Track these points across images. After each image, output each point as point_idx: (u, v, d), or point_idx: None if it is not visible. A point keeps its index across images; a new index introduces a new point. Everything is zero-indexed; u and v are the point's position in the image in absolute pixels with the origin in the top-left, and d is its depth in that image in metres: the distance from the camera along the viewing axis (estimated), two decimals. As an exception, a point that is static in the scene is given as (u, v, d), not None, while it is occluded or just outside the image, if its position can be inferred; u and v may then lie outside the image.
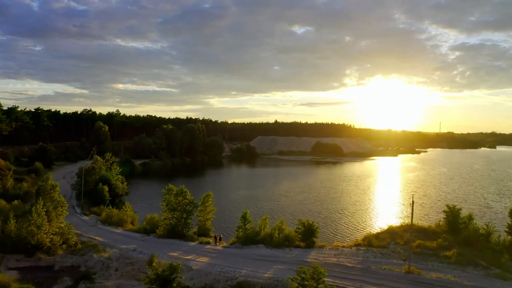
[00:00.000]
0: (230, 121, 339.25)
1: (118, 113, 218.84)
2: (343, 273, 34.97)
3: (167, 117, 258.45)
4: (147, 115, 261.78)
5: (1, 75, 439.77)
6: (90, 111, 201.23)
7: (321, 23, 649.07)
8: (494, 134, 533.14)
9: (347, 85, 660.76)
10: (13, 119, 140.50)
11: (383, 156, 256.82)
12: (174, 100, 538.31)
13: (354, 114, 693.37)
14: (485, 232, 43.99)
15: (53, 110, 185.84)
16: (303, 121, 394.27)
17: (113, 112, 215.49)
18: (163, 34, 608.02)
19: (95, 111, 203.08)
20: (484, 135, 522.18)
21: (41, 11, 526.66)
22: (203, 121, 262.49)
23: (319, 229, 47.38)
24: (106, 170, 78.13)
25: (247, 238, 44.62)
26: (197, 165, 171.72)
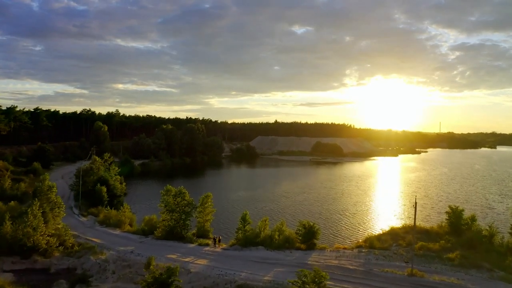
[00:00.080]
0: (230, 121, 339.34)
1: (118, 113, 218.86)
2: (344, 275, 34.40)
3: (167, 117, 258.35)
4: (147, 115, 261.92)
5: (1, 75, 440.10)
6: (90, 111, 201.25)
7: (321, 23, 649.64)
8: (494, 134, 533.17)
9: (347, 85, 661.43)
10: (12, 119, 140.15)
11: (383, 156, 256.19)
12: (174, 100, 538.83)
13: (354, 114, 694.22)
14: (488, 233, 43.24)
15: (52, 110, 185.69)
16: (303, 121, 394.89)
17: (112, 112, 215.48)
18: (163, 34, 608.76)
19: (94, 111, 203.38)
20: (484, 135, 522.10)
21: (41, 11, 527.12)
22: (203, 121, 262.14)
23: (320, 230, 46.60)
24: (105, 170, 77.70)
25: (247, 240, 44.00)
26: (197, 165, 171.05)
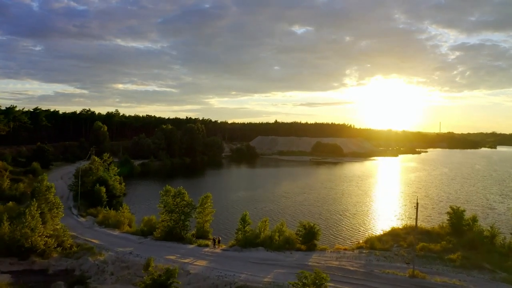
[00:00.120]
0: (230, 121, 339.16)
1: (117, 113, 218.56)
2: (345, 277, 34.08)
3: (166, 117, 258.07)
4: (147, 115, 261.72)
5: (1, 75, 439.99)
6: (89, 111, 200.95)
7: (321, 23, 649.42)
8: (494, 134, 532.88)
9: (347, 85, 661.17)
10: (11, 119, 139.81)
11: (384, 156, 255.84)
12: (174, 100, 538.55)
13: (354, 114, 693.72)
14: (489, 234, 42.95)
15: (52, 110, 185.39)
16: (303, 121, 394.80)
17: (112, 112, 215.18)
18: (163, 34, 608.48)
19: (94, 111, 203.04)
20: (484, 135, 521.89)
21: (41, 11, 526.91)
22: (202, 121, 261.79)
23: (320, 231, 46.23)
24: (104, 170, 77.36)
25: (247, 241, 43.64)
26: (197, 165, 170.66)
